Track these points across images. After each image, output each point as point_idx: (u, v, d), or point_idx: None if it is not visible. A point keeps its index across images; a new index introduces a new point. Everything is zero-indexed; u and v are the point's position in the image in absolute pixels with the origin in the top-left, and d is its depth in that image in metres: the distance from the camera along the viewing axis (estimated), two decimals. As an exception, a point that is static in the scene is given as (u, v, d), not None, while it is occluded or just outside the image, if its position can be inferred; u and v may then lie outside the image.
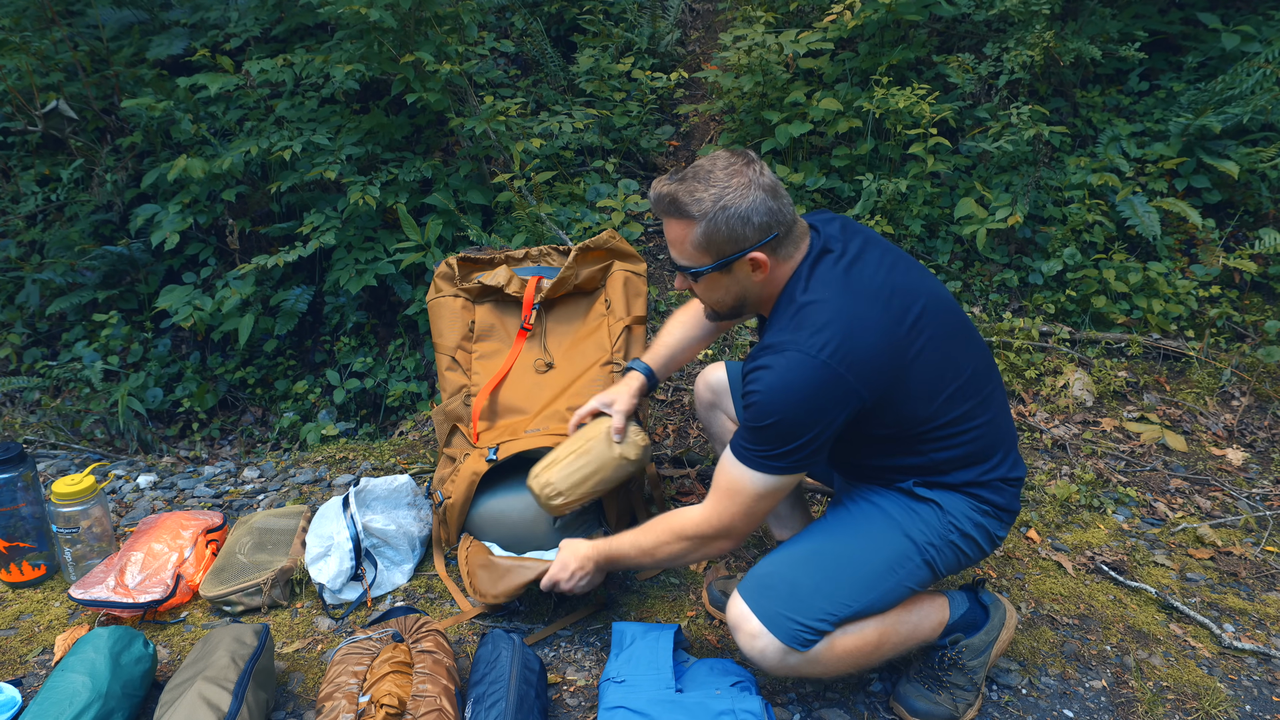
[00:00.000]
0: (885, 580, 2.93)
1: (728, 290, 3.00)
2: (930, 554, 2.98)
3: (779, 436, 2.79)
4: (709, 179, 2.80)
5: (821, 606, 2.84)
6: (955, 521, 2.99)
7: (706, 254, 2.87)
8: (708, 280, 2.97)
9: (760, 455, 2.85)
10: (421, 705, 2.87)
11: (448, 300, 4.29)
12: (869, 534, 3.01)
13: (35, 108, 6.61)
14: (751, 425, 2.84)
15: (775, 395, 2.75)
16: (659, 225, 6.75)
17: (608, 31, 7.59)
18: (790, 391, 2.74)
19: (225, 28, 7.12)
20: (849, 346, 2.75)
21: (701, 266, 2.90)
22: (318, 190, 6.53)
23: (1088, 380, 5.46)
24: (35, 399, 6.36)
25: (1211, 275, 5.81)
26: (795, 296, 2.89)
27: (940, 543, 2.99)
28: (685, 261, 2.94)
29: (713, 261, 2.88)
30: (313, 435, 5.90)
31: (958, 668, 3.22)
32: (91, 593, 3.65)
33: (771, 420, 2.77)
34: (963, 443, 2.98)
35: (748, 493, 2.93)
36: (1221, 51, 6.35)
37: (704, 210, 2.79)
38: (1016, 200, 5.88)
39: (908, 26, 6.60)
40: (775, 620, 2.82)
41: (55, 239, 6.85)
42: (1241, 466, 4.96)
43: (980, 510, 3.03)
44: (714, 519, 3.02)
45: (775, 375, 2.76)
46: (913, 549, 2.97)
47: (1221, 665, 3.57)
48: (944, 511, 3.00)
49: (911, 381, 2.87)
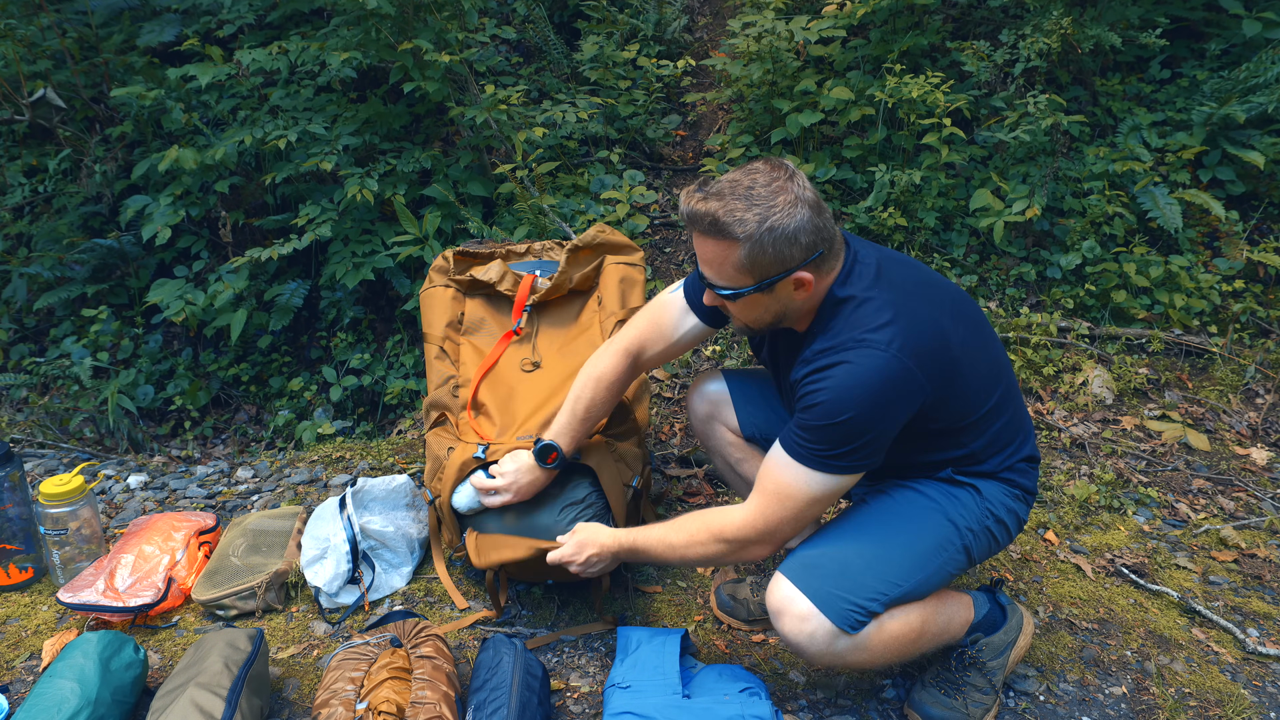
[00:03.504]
0: (932, 561, 2.94)
1: (767, 309, 2.94)
2: (969, 539, 3.01)
3: (847, 434, 2.75)
4: (751, 197, 2.71)
5: (873, 585, 2.82)
6: (991, 507, 3.05)
7: (749, 275, 2.80)
8: (747, 301, 2.90)
9: (823, 454, 2.79)
10: (421, 712, 2.87)
11: (439, 290, 4.29)
12: (913, 516, 3.01)
13: (22, 96, 6.61)
14: (816, 424, 2.77)
15: (848, 393, 2.72)
16: (665, 218, 6.75)
17: (612, 18, 7.58)
18: (863, 388, 2.72)
19: (218, 14, 7.11)
20: (914, 341, 2.76)
21: (742, 289, 2.83)
22: (313, 181, 6.53)
23: (1107, 377, 5.46)
24: (22, 396, 6.36)
25: (1235, 269, 5.81)
26: (839, 297, 2.88)
27: (978, 528, 3.03)
28: (724, 283, 2.87)
29: (755, 283, 2.81)
30: (308, 434, 5.89)
31: (977, 667, 3.23)
32: (80, 596, 3.65)
33: (844, 417, 2.72)
34: (997, 430, 3.03)
35: (802, 495, 2.85)
36: (1245, 39, 6.34)
37: (749, 232, 2.70)
38: (1034, 192, 5.87)
39: (921, 12, 6.60)
40: (827, 600, 2.78)
41: (43, 231, 6.85)
42: (1266, 466, 4.96)
43: (1012, 494, 3.09)
44: (759, 522, 2.92)
45: (848, 372, 2.74)
46: (954, 533, 2.99)
47: (1245, 671, 3.57)
48: (981, 496, 3.04)
49: (962, 372, 2.89)
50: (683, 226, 6.74)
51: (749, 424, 3.59)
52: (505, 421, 3.99)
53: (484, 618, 3.76)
